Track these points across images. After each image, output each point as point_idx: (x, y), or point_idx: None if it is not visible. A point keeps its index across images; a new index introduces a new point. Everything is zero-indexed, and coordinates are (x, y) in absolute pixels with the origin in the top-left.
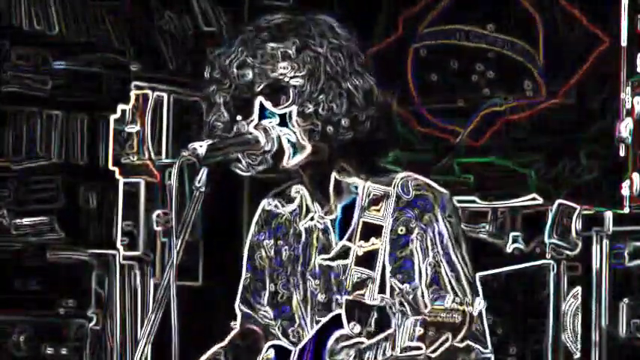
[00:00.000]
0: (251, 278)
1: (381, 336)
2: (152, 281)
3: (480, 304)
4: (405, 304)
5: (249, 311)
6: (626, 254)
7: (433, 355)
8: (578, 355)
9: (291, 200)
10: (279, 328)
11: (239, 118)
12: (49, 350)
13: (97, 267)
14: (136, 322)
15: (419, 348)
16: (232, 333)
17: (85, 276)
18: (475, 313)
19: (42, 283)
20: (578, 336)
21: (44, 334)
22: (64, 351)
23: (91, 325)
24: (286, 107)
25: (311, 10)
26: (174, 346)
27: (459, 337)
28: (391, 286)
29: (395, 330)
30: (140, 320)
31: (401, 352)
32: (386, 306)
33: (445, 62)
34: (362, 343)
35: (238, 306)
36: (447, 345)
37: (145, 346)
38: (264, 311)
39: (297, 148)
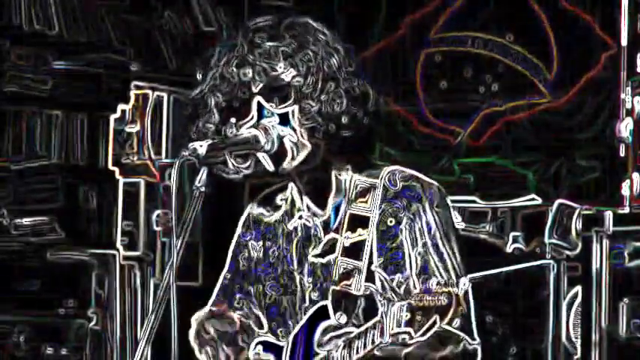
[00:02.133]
0: (230, 279)
1: (369, 324)
2: (152, 281)
3: (464, 285)
4: (394, 294)
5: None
6: (626, 254)
7: (423, 339)
8: (578, 354)
9: (276, 209)
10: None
11: (233, 120)
12: (49, 350)
13: (97, 267)
14: (136, 322)
15: (408, 333)
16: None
17: (85, 276)
18: (460, 294)
19: (42, 283)
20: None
21: (44, 334)
22: (64, 351)
23: (91, 325)
24: (287, 106)
25: (307, 11)
26: (174, 346)
27: (447, 318)
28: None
29: (382, 317)
30: (140, 320)
31: (390, 339)
32: (372, 294)
33: (454, 68)
34: (350, 333)
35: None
36: (435, 328)
37: (144, 346)
38: (240, 314)
39: (298, 147)
